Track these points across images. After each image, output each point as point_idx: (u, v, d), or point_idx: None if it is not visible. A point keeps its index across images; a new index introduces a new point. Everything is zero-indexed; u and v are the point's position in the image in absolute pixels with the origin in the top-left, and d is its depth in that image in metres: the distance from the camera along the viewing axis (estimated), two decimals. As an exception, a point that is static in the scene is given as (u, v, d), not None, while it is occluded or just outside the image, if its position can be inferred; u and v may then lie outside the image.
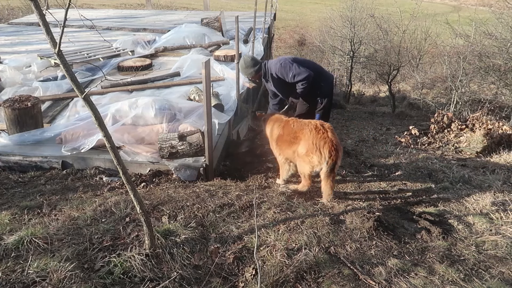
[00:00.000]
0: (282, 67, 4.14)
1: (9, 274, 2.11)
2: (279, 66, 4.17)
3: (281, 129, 3.71)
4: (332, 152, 3.18)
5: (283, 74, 4.16)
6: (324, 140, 3.22)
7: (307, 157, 3.28)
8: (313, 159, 3.24)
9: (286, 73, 4.13)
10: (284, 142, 3.60)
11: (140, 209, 2.23)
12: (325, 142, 3.21)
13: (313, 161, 3.25)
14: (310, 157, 3.26)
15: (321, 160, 3.21)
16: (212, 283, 2.21)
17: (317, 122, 3.42)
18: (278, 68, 4.17)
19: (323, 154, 3.19)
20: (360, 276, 2.27)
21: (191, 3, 25.26)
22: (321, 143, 3.21)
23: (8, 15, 16.18)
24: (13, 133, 4.23)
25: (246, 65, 4.30)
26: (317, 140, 3.24)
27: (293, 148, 3.46)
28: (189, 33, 8.27)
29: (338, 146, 3.25)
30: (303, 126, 3.44)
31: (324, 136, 3.24)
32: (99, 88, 5.52)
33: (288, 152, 3.56)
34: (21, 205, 3.08)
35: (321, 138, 3.23)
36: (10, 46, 8.10)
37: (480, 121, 6.46)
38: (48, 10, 9.74)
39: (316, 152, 3.21)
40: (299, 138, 3.40)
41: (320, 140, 3.23)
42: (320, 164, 3.23)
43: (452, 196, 3.59)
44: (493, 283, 2.29)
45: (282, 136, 3.64)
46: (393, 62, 12.08)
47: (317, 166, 3.26)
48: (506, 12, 9.24)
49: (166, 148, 3.87)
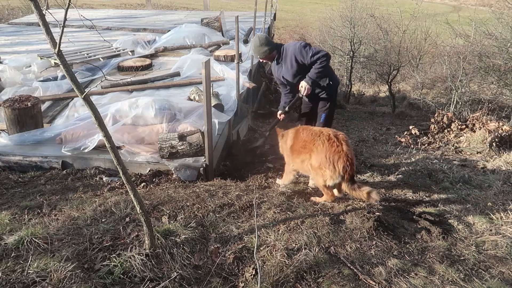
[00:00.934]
0: (302, 46, 3.96)
1: (9, 274, 2.11)
2: (298, 46, 3.99)
3: (293, 139, 3.61)
4: (346, 168, 3.06)
5: (302, 55, 3.95)
6: (338, 155, 3.10)
7: (320, 170, 3.19)
8: (326, 173, 3.14)
9: (306, 53, 3.93)
10: (294, 151, 3.53)
11: (140, 209, 2.23)
12: (340, 157, 3.09)
13: (325, 175, 3.15)
14: (323, 171, 3.17)
15: (334, 175, 3.10)
16: (212, 283, 2.21)
17: (330, 132, 3.28)
18: (298, 49, 3.98)
19: (337, 169, 3.08)
20: (360, 276, 2.27)
21: (191, 3, 25.26)
22: (335, 157, 3.09)
23: (8, 15, 16.18)
24: (13, 133, 4.23)
25: (260, 43, 4.10)
26: (331, 154, 3.12)
27: (302, 158, 3.38)
28: (189, 33, 8.28)
29: (352, 160, 3.14)
30: (314, 137, 3.31)
31: (338, 149, 3.12)
32: (99, 88, 5.52)
33: (297, 162, 3.48)
34: (21, 205, 3.08)
35: (335, 152, 3.11)
36: (10, 46, 8.11)
37: (480, 121, 6.46)
38: (48, 10, 9.74)
39: (330, 166, 3.10)
40: (311, 149, 3.29)
41: (334, 154, 3.10)
42: (333, 180, 3.13)
43: (452, 196, 3.59)
44: (493, 283, 2.29)
45: (293, 146, 3.56)
46: (393, 62, 12.08)
47: (329, 181, 3.16)
48: (506, 12, 9.24)
49: (166, 148, 3.87)
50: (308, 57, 3.93)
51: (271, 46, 4.12)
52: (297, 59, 3.99)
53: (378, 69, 13.23)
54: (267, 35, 4.25)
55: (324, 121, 4.27)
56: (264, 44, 4.09)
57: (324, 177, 3.17)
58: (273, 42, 4.21)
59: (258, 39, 4.12)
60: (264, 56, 4.20)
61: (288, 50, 4.07)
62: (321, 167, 3.17)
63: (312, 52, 3.91)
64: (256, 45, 4.14)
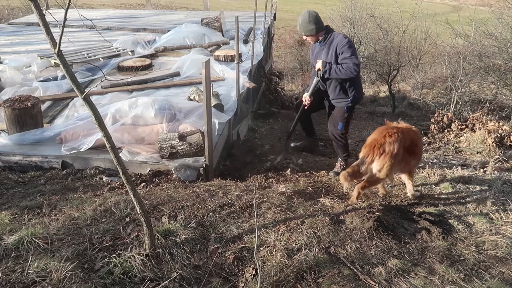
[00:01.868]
0: (347, 42, 3.91)
1: (9, 274, 2.11)
2: (345, 40, 3.94)
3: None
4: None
5: (343, 49, 3.90)
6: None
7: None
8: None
9: (345, 50, 3.89)
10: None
11: (140, 209, 2.23)
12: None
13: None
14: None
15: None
16: (212, 283, 2.21)
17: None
18: (343, 41, 3.92)
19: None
20: (360, 276, 2.27)
21: (191, 3, 25.26)
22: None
23: (8, 15, 16.17)
24: (13, 133, 4.23)
25: (309, 19, 3.95)
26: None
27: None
28: (189, 33, 8.27)
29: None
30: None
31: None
32: (99, 88, 5.52)
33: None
34: (21, 205, 3.08)
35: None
36: (10, 46, 8.10)
37: (480, 121, 6.45)
38: (48, 10, 9.74)
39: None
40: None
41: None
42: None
43: (452, 196, 3.59)
44: (493, 283, 2.29)
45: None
46: (393, 62, 12.07)
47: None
48: (506, 12, 9.23)
49: (166, 148, 3.87)
50: (344, 54, 3.89)
51: (319, 26, 4.00)
52: (337, 50, 3.95)
53: (378, 69, 13.22)
54: (318, 14, 4.07)
55: (341, 130, 4.36)
56: (312, 22, 3.97)
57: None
58: (322, 22, 4.07)
59: (308, 15, 3.98)
60: (309, 34, 4.08)
61: (335, 38, 4.00)
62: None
63: (349, 54, 3.88)
64: (304, 21, 4.00)
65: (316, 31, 4.02)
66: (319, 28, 4.02)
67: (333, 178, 4.27)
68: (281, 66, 17.36)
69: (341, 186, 3.93)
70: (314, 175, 4.44)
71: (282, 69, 15.71)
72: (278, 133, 6.60)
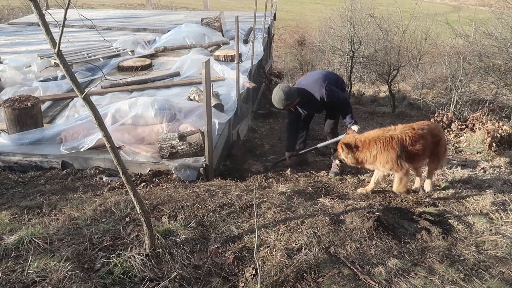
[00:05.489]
0: (332, 91, 4.25)
1: (9, 274, 2.11)
2: (327, 91, 4.21)
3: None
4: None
5: (330, 98, 4.23)
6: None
7: None
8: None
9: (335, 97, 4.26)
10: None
11: (140, 209, 2.23)
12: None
13: None
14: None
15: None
16: (212, 283, 2.21)
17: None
18: (326, 93, 4.21)
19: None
20: (360, 276, 2.27)
21: (191, 3, 25.26)
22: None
23: (8, 15, 16.17)
24: (13, 133, 4.23)
25: (285, 97, 4.16)
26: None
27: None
28: (189, 33, 8.28)
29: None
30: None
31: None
32: (99, 88, 5.52)
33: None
34: (21, 205, 3.08)
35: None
36: (10, 46, 8.11)
37: (480, 121, 6.45)
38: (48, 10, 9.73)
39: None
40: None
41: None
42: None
43: (452, 196, 3.59)
44: (493, 283, 2.29)
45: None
46: (393, 62, 12.06)
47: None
48: (506, 12, 9.23)
49: (166, 148, 3.87)
50: (338, 101, 4.35)
51: (294, 98, 4.22)
52: (322, 98, 4.28)
53: (378, 69, 13.20)
54: (287, 87, 4.25)
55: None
56: (285, 99, 4.18)
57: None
58: (294, 91, 4.23)
59: (281, 93, 4.15)
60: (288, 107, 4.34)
61: (315, 93, 4.26)
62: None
63: (341, 98, 4.37)
64: (279, 100, 4.19)
65: (292, 103, 4.26)
66: (294, 100, 4.25)
67: (333, 178, 4.27)
68: (281, 66, 17.35)
69: (341, 186, 3.94)
70: (314, 175, 4.45)
71: (282, 69, 15.71)
72: (278, 133, 6.60)
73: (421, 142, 3.37)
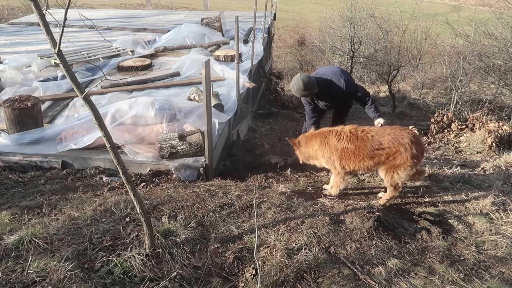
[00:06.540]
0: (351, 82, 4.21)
1: (9, 274, 2.11)
2: (346, 82, 4.15)
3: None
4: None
5: (348, 90, 4.17)
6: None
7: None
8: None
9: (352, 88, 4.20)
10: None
11: (140, 209, 2.23)
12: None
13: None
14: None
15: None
16: (212, 283, 2.21)
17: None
18: (344, 84, 4.13)
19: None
20: (360, 276, 2.27)
21: (191, 3, 25.26)
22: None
23: (8, 15, 16.18)
24: (13, 133, 4.23)
25: (303, 87, 4.04)
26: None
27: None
28: (189, 33, 8.28)
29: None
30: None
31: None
32: (99, 88, 5.52)
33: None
34: (21, 205, 3.08)
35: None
36: (10, 46, 8.11)
37: (480, 121, 6.44)
38: (48, 10, 9.74)
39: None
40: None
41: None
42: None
43: (452, 196, 3.59)
44: (493, 283, 2.29)
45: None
46: (393, 62, 12.06)
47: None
48: (506, 12, 9.22)
49: (166, 148, 3.87)
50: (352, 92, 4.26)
51: (313, 87, 4.12)
52: (343, 91, 4.20)
53: (378, 69, 13.21)
54: (307, 77, 4.13)
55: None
56: (305, 89, 4.07)
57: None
58: (314, 84, 4.13)
59: (301, 82, 4.04)
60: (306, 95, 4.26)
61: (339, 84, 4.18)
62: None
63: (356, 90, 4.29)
64: (298, 89, 4.09)
65: (311, 92, 4.18)
66: (313, 89, 4.15)
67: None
68: (281, 66, 17.36)
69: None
70: (314, 175, 4.44)
71: (282, 69, 15.71)
72: (278, 133, 6.60)
73: (360, 145, 3.14)
